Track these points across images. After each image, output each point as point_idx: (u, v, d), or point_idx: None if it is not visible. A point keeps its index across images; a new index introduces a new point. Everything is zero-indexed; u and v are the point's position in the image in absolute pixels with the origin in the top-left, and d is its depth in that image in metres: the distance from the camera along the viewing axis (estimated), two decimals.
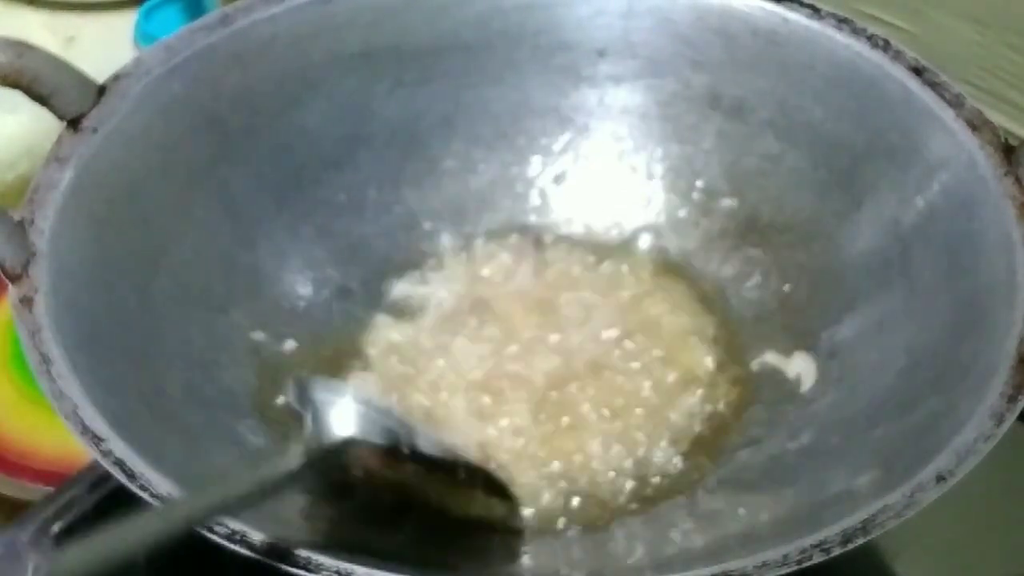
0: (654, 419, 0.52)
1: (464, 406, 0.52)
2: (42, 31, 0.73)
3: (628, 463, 0.50)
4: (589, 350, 0.54)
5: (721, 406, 0.52)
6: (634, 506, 0.49)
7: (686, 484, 0.50)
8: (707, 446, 0.51)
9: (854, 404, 0.49)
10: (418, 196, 0.58)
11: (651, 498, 0.49)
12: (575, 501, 0.49)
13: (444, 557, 0.44)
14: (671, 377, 0.53)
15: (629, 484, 0.50)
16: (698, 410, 0.52)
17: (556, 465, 0.50)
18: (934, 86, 0.52)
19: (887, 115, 0.53)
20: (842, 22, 0.54)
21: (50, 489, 0.53)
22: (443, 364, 0.53)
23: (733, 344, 0.54)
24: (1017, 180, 0.48)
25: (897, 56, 0.53)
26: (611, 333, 0.55)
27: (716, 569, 0.39)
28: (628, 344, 0.54)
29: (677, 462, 0.50)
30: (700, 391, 0.53)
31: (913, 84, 0.52)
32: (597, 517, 0.49)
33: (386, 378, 0.53)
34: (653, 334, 0.55)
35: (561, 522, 0.49)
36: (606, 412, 0.52)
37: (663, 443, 0.51)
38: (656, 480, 0.50)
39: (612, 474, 0.50)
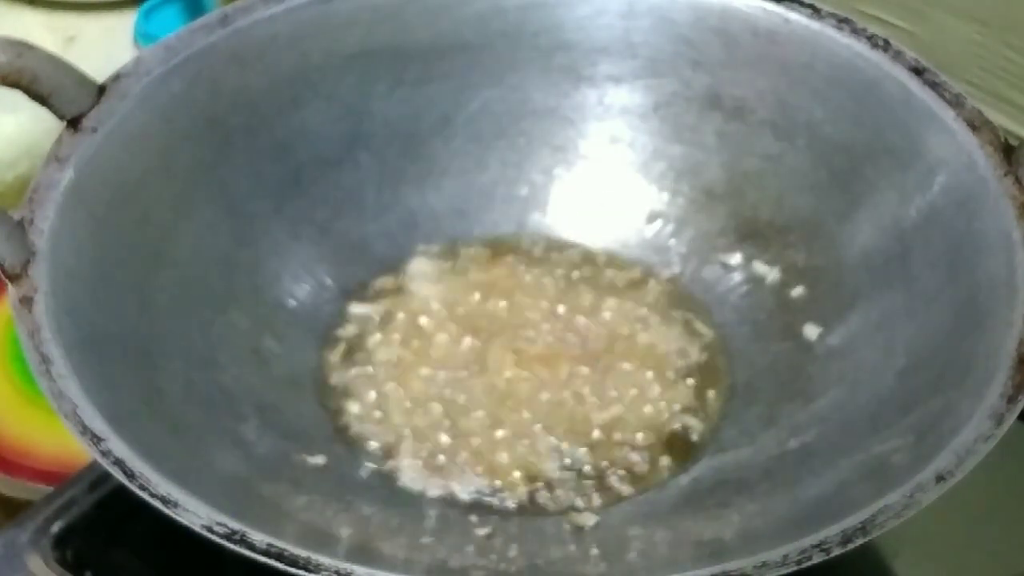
0: (650, 417, 0.52)
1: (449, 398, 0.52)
2: (42, 31, 0.73)
3: (622, 461, 0.50)
4: (584, 346, 0.54)
5: (719, 406, 0.52)
6: (630, 505, 0.49)
7: (684, 483, 0.50)
8: (705, 445, 0.51)
9: (854, 404, 0.49)
10: (418, 196, 0.58)
11: (648, 497, 0.49)
12: (566, 495, 0.49)
13: None
14: (669, 375, 0.53)
15: (624, 482, 0.50)
16: (696, 409, 0.52)
17: (545, 460, 0.50)
18: (934, 86, 0.52)
19: (887, 115, 0.53)
20: (842, 22, 0.54)
21: (50, 489, 0.53)
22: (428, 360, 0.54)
23: (732, 344, 0.54)
24: (1017, 180, 0.48)
25: (897, 56, 0.53)
26: (607, 330, 0.55)
27: (716, 569, 0.39)
28: (625, 342, 0.54)
29: (674, 461, 0.50)
30: (698, 391, 0.53)
31: (913, 84, 0.52)
32: (594, 512, 0.49)
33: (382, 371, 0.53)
34: (650, 333, 0.55)
35: (549, 518, 0.49)
36: (603, 408, 0.52)
37: (659, 442, 0.51)
38: (652, 479, 0.50)
39: (607, 470, 0.50)
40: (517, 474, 0.50)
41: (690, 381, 0.53)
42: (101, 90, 0.50)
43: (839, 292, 0.53)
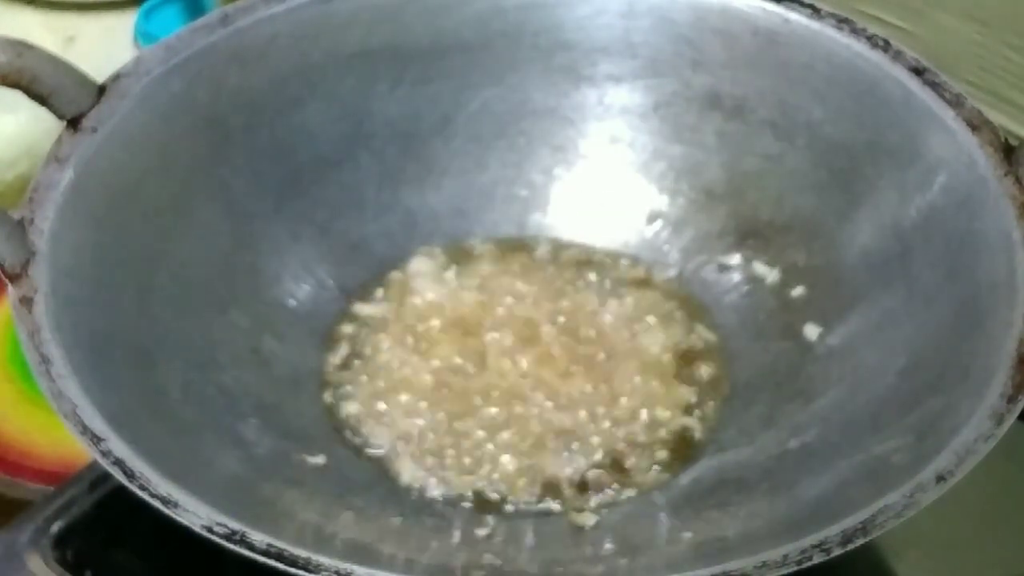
0: (650, 417, 0.52)
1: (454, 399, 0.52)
2: (42, 31, 0.73)
3: (623, 461, 0.50)
4: (585, 346, 0.54)
5: (719, 406, 0.52)
6: (630, 505, 0.49)
7: (684, 483, 0.50)
8: (705, 445, 0.51)
9: (854, 404, 0.49)
10: (418, 196, 0.58)
11: (648, 497, 0.49)
12: (566, 495, 0.49)
13: None
14: (670, 376, 0.53)
15: (624, 483, 0.50)
16: (696, 409, 0.52)
17: (546, 460, 0.50)
18: (934, 86, 0.52)
19: (887, 115, 0.53)
20: (842, 22, 0.54)
21: (50, 489, 0.53)
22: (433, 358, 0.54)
23: (732, 344, 0.54)
24: (1017, 180, 0.48)
25: (897, 56, 0.53)
26: (608, 330, 0.55)
27: (716, 569, 0.39)
28: (625, 343, 0.54)
29: (674, 461, 0.50)
30: (698, 391, 0.53)
31: (913, 84, 0.52)
32: (594, 512, 0.49)
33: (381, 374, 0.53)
34: (651, 333, 0.55)
35: (549, 518, 0.49)
36: (603, 408, 0.52)
37: (660, 442, 0.51)
38: (653, 479, 0.50)
39: (607, 470, 0.50)
40: (517, 474, 0.50)
41: (690, 381, 0.53)
42: (101, 90, 0.50)
43: (839, 292, 0.53)
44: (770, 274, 0.55)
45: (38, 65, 0.47)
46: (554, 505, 0.49)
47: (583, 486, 0.50)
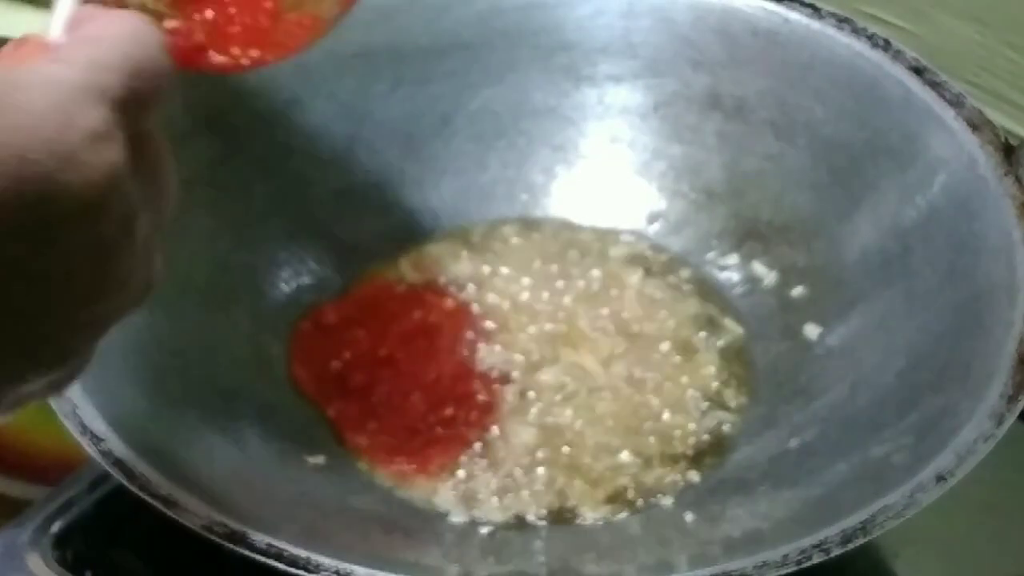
0: (652, 420, 0.52)
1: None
2: (43, 31, 0.73)
3: (627, 463, 0.50)
4: (587, 351, 0.54)
5: (720, 407, 0.52)
6: (631, 506, 0.49)
7: (686, 484, 0.50)
8: (706, 447, 0.51)
9: (854, 404, 0.49)
10: (418, 196, 0.58)
11: (649, 499, 0.49)
12: (569, 500, 0.49)
13: None
14: (670, 378, 0.53)
15: (627, 484, 0.50)
16: (697, 411, 0.52)
17: (550, 462, 0.50)
18: (934, 86, 0.52)
19: (887, 115, 0.53)
20: (842, 22, 0.55)
21: (50, 489, 0.53)
22: None
23: (732, 345, 0.54)
24: (1017, 180, 0.48)
25: (897, 56, 0.53)
26: (608, 334, 0.54)
27: (716, 569, 0.39)
28: (625, 346, 0.54)
29: (676, 463, 0.50)
30: (699, 392, 0.53)
31: (913, 84, 0.52)
32: (595, 512, 0.49)
33: None
34: (651, 336, 0.55)
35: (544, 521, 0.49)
36: (602, 411, 0.52)
37: (662, 443, 0.51)
38: (655, 480, 0.50)
39: (612, 473, 0.50)
40: (526, 477, 0.50)
41: (690, 383, 0.53)
42: None
43: (839, 292, 0.53)
44: (769, 274, 0.55)
45: None
46: (555, 505, 0.49)
47: (584, 487, 0.50)
